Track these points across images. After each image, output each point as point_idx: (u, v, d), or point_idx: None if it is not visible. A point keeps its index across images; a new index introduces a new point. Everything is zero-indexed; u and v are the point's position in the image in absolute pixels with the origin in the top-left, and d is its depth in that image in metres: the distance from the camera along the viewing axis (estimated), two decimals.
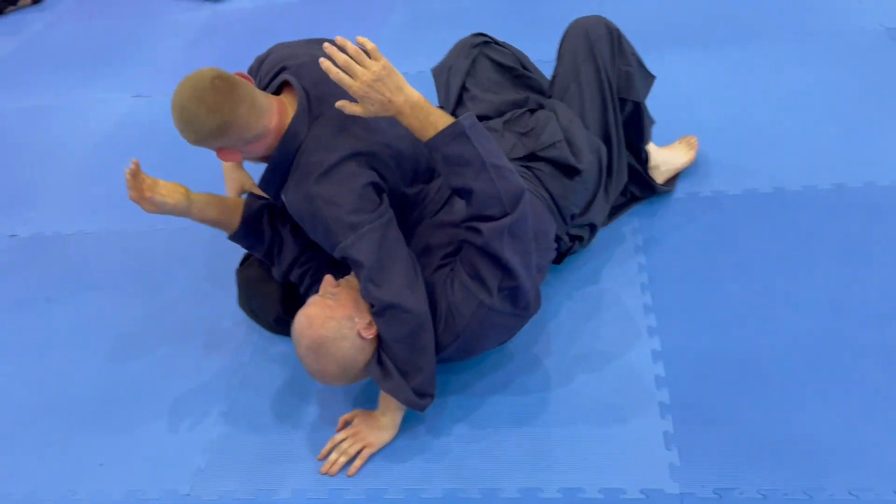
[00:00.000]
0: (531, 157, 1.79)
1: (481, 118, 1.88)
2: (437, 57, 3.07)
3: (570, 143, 1.79)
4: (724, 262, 1.89)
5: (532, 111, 1.90)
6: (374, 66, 1.38)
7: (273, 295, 1.83)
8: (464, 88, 1.95)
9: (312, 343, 1.47)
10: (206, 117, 1.39)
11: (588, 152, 1.80)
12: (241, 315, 1.96)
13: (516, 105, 1.92)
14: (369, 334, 1.50)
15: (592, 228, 1.89)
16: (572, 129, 1.80)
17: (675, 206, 2.08)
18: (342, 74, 1.38)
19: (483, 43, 2.00)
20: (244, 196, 1.88)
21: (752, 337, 1.69)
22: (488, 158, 1.42)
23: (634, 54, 1.93)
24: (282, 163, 1.52)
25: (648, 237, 1.99)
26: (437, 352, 1.54)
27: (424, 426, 1.64)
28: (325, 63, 1.38)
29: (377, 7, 3.61)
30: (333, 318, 1.47)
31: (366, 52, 1.38)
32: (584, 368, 1.69)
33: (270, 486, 1.57)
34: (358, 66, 1.38)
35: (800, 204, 2.01)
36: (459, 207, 1.60)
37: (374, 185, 1.51)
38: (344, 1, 3.74)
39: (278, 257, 1.75)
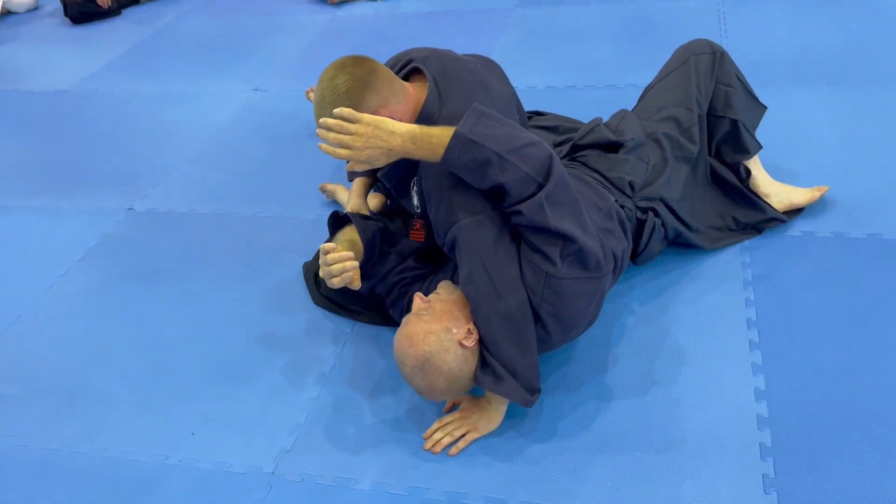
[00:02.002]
0: (574, 149, 1.87)
1: None
2: (547, 74, 3.08)
3: (607, 125, 1.88)
4: (839, 307, 1.79)
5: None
6: (359, 128, 1.44)
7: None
8: None
9: (417, 361, 1.48)
10: (354, 69, 1.54)
11: (633, 129, 1.84)
12: None
13: (569, 136, 2.03)
14: (470, 342, 1.50)
15: (669, 209, 1.86)
16: (614, 120, 1.90)
17: (790, 243, 1.99)
18: (340, 150, 1.46)
19: (528, 116, 2.13)
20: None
21: (865, 388, 1.59)
22: (503, 149, 1.42)
23: (741, 79, 1.94)
24: None
25: (759, 273, 1.91)
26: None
27: (516, 430, 1.62)
28: (324, 148, 1.47)
29: (494, 22, 3.65)
30: (432, 332, 1.48)
31: (345, 120, 1.45)
32: (682, 399, 1.63)
33: (352, 475, 1.58)
34: (346, 137, 1.44)
35: None
36: None
37: None
38: (462, 14, 3.80)
39: (371, 271, 1.82)
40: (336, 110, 1.45)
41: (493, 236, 1.50)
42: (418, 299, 1.55)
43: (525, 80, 3.02)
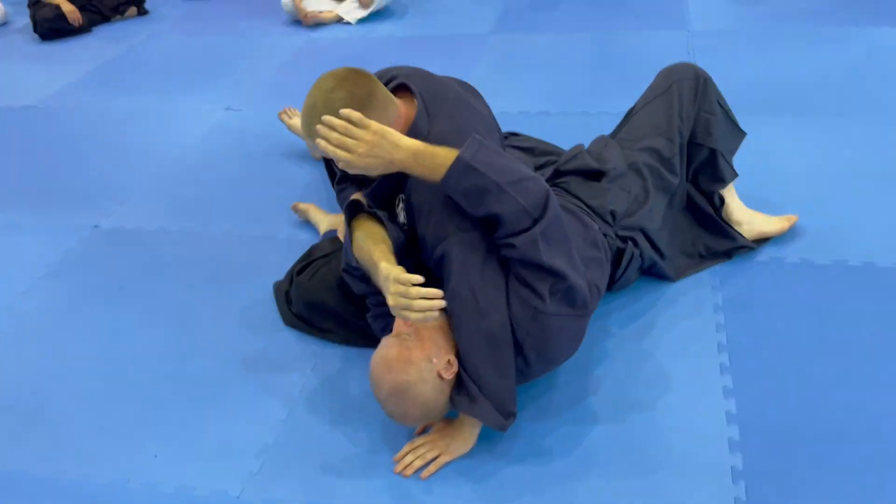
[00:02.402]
0: (556, 174, 1.85)
1: None
2: (520, 100, 3.11)
3: (590, 153, 1.87)
4: (807, 332, 1.81)
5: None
6: (365, 135, 1.41)
7: (332, 299, 1.88)
8: None
9: (393, 388, 1.47)
10: (354, 89, 1.50)
11: (615, 158, 1.84)
12: None
13: (547, 159, 2.01)
14: (449, 374, 1.49)
15: (648, 239, 1.87)
16: (595, 147, 1.89)
17: (759, 269, 2.02)
18: (339, 151, 1.42)
19: (503, 137, 2.08)
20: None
21: (834, 412, 1.60)
22: (503, 179, 1.41)
23: (722, 105, 1.94)
24: None
25: (729, 297, 1.93)
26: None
27: (490, 454, 1.60)
28: (321, 143, 1.42)
29: (469, 48, 3.69)
30: (412, 361, 1.46)
31: (352, 123, 1.41)
32: (654, 422, 1.62)
33: (320, 499, 1.54)
34: (350, 140, 1.41)
35: (891, 281, 1.93)
36: None
37: None
38: (437, 39, 3.83)
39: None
40: (344, 111, 1.41)
41: (482, 255, 1.49)
42: (400, 321, 1.53)
43: (498, 105, 3.01)
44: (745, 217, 2.05)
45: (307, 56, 3.82)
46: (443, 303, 1.45)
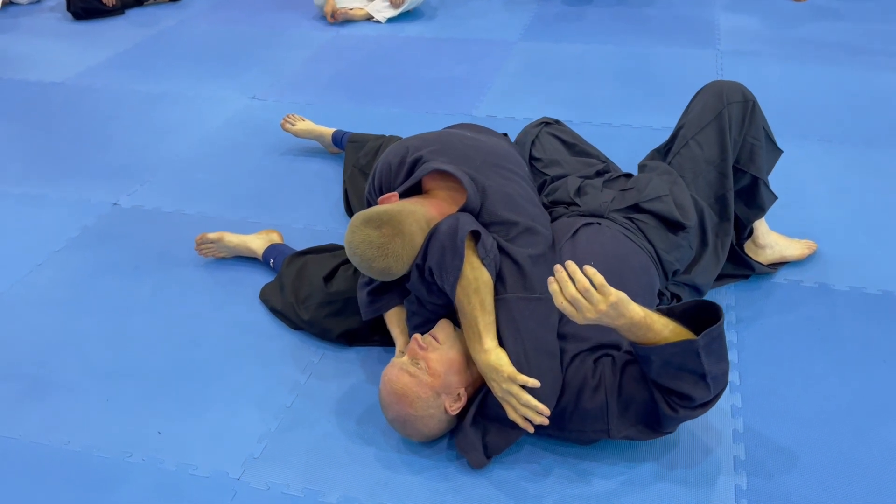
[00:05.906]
0: (635, 208, 1.76)
1: (559, 177, 1.91)
2: (543, 107, 3.11)
3: (674, 199, 1.77)
4: (819, 356, 1.80)
5: (627, 176, 1.90)
6: (601, 304, 1.31)
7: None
8: (532, 158, 1.98)
9: (398, 417, 1.52)
10: (396, 263, 1.51)
11: (693, 211, 1.77)
12: None
13: (593, 167, 1.93)
14: (455, 410, 1.52)
15: (697, 292, 1.84)
16: (675, 189, 1.78)
17: (775, 290, 2.00)
18: (566, 304, 1.33)
19: (545, 123, 2.07)
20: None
21: (842, 436, 1.59)
22: (712, 370, 1.35)
23: (765, 128, 1.88)
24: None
25: (742, 316, 1.92)
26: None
27: (501, 460, 1.59)
28: (553, 286, 1.34)
29: (495, 53, 3.69)
30: (420, 397, 1.49)
31: (594, 285, 1.31)
32: (662, 442, 1.60)
33: (320, 487, 1.54)
34: (584, 302, 1.31)
35: None
36: None
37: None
38: (464, 42, 3.84)
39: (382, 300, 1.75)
40: (590, 271, 1.31)
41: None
42: (415, 343, 1.53)
43: (522, 112, 3.04)
44: (770, 241, 2.03)
45: (335, 51, 3.83)
46: (543, 420, 1.46)
